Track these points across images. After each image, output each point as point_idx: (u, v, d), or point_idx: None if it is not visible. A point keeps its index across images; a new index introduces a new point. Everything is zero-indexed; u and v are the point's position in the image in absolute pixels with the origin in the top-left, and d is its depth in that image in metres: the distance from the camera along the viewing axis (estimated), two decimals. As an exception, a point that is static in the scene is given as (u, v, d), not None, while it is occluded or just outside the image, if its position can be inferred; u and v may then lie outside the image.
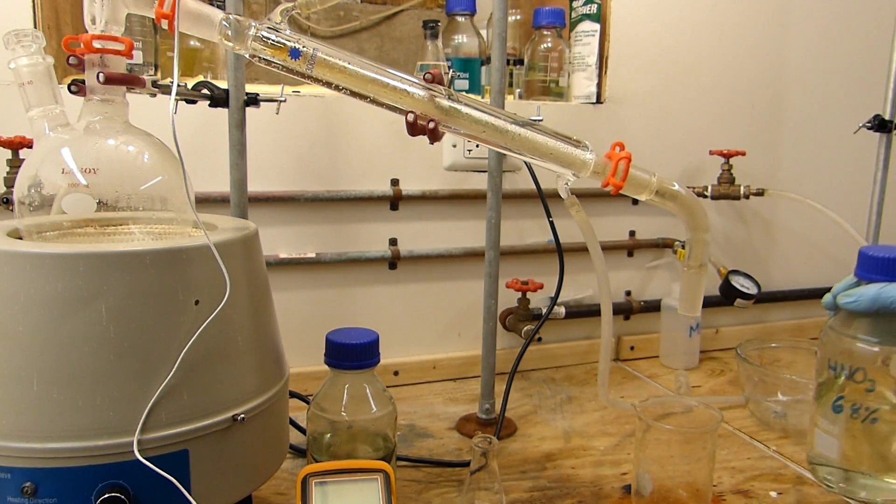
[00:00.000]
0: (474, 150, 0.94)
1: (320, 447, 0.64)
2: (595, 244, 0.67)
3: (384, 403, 0.64)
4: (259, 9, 1.08)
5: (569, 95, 1.10)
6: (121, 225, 0.57)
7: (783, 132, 1.24)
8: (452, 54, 1.03)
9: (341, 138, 0.96)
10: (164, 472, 0.47)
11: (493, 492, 0.60)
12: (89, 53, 0.54)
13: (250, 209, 0.80)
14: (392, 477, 0.57)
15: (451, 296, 1.05)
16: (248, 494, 0.56)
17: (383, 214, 0.99)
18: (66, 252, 0.46)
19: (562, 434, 0.86)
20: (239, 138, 0.76)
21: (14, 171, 0.76)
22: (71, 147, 0.54)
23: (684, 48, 1.14)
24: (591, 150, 0.60)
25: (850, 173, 1.28)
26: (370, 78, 0.56)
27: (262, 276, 0.59)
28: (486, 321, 0.85)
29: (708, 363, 1.14)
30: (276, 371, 0.58)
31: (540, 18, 1.06)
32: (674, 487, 0.66)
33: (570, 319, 1.08)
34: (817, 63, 1.24)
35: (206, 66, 0.95)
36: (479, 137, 0.58)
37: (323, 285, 0.98)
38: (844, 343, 0.64)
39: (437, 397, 0.98)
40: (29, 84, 0.57)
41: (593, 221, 0.65)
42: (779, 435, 0.87)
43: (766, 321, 1.29)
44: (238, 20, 0.54)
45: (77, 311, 0.45)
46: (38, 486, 0.45)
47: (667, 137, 1.15)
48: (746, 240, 1.25)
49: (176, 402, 0.48)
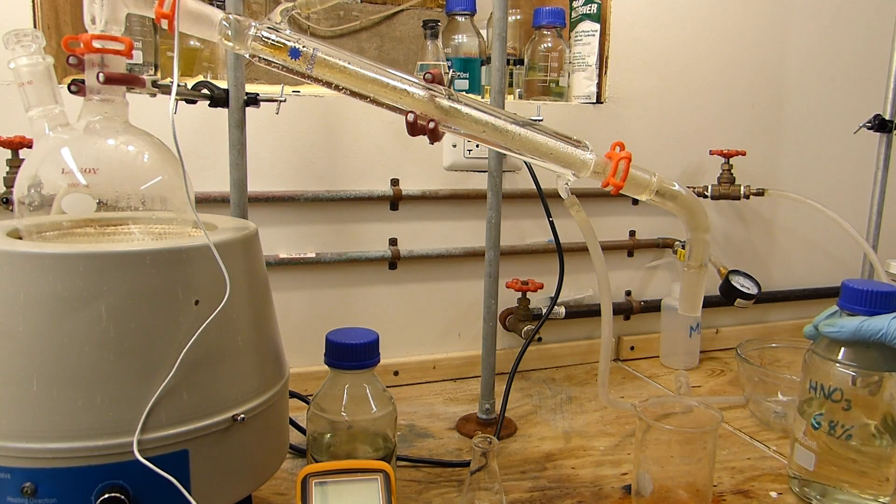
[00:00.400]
0: (474, 150, 0.94)
1: (320, 447, 0.64)
2: (595, 244, 0.67)
3: (384, 403, 0.64)
4: (259, 9, 1.08)
5: (569, 95, 1.10)
6: (121, 225, 0.57)
7: (783, 132, 1.24)
8: (452, 54, 1.03)
9: (341, 138, 0.95)
10: (164, 472, 0.47)
11: (493, 492, 0.60)
12: (89, 53, 0.54)
13: (250, 209, 0.80)
14: (392, 477, 0.57)
15: (451, 296, 1.05)
16: (248, 494, 0.56)
17: (383, 214, 0.99)
18: (66, 252, 0.46)
19: (562, 434, 0.86)
20: (239, 138, 0.76)
21: (14, 171, 0.76)
22: (71, 147, 0.54)
23: (684, 48, 1.14)
24: (591, 150, 0.60)
25: (850, 173, 1.28)
26: (370, 78, 0.56)
27: (262, 276, 0.59)
28: (486, 321, 0.85)
29: (708, 363, 1.14)
30: (276, 371, 0.58)
31: (540, 18, 1.06)
32: (674, 487, 0.66)
33: (570, 319, 1.08)
34: (817, 63, 1.24)
35: (206, 66, 0.95)
36: (479, 137, 0.58)
37: (323, 285, 0.98)
38: (825, 366, 0.69)
39: (437, 397, 0.98)
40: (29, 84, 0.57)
41: (593, 221, 0.65)
42: (779, 435, 0.87)
43: (766, 321, 1.29)
44: (238, 20, 0.54)
45: (77, 311, 0.45)
46: (38, 486, 0.45)
47: (667, 137, 1.15)
48: (746, 240, 1.25)
49: (176, 402, 0.48)
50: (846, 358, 0.68)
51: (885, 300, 0.66)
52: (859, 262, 1.08)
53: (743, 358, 0.93)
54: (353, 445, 0.64)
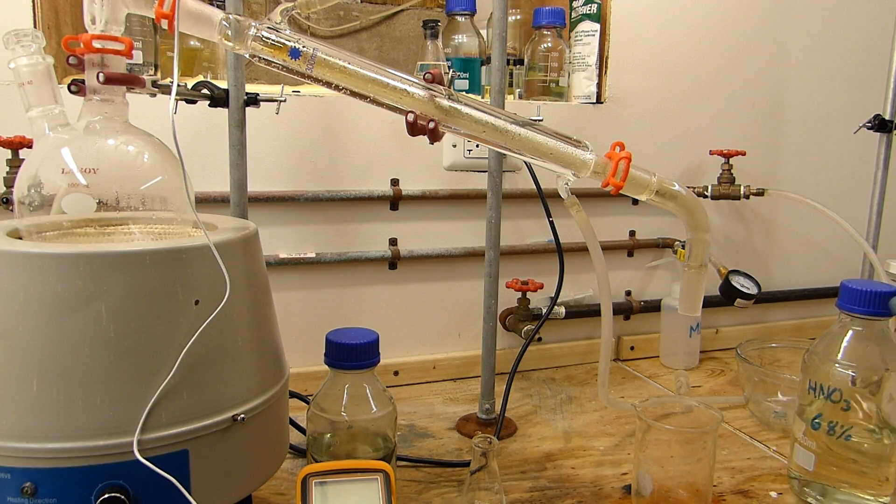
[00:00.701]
0: (474, 150, 0.94)
1: (320, 447, 0.64)
2: (595, 244, 0.67)
3: (384, 403, 0.64)
4: (259, 9, 1.08)
5: (569, 95, 1.10)
6: (121, 225, 0.57)
7: (783, 132, 1.24)
8: (452, 54, 1.03)
9: (341, 138, 0.95)
10: (164, 472, 0.47)
11: (493, 492, 0.60)
12: (89, 53, 0.54)
13: (250, 209, 0.80)
14: (392, 477, 0.57)
15: (451, 296, 1.05)
16: (248, 494, 0.56)
17: (383, 214, 0.99)
18: (66, 252, 0.46)
19: (562, 434, 0.86)
20: (239, 138, 0.76)
21: (14, 171, 0.76)
22: (71, 147, 0.54)
23: (684, 48, 1.14)
24: (591, 150, 0.60)
25: (850, 173, 1.28)
26: (370, 78, 0.56)
27: (262, 276, 0.59)
28: (486, 321, 0.85)
29: (708, 363, 1.14)
30: (276, 371, 0.58)
31: (540, 18, 1.06)
32: (674, 488, 0.66)
33: (570, 319, 1.08)
34: (817, 63, 1.24)
35: (206, 66, 0.95)
36: (479, 137, 0.58)
37: (323, 285, 0.98)
38: (824, 366, 0.69)
39: (437, 397, 0.98)
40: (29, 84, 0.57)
41: (593, 221, 0.65)
42: (779, 435, 0.87)
43: (766, 321, 1.29)
44: (238, 20, 0.54)
45: (77, 311, 0.45)
46: (38, 486, 0.45)
47: (667, 137, 1.15)
48: (746, 240, 1.25)
49: (176, 402, 0.48)
50: (846, 358, 0.68)
51: (885, 300, 0.66)
52: (859, 262, 1.08)
53: (743, 358, 0.93)
54: (353, 445, 0.64)
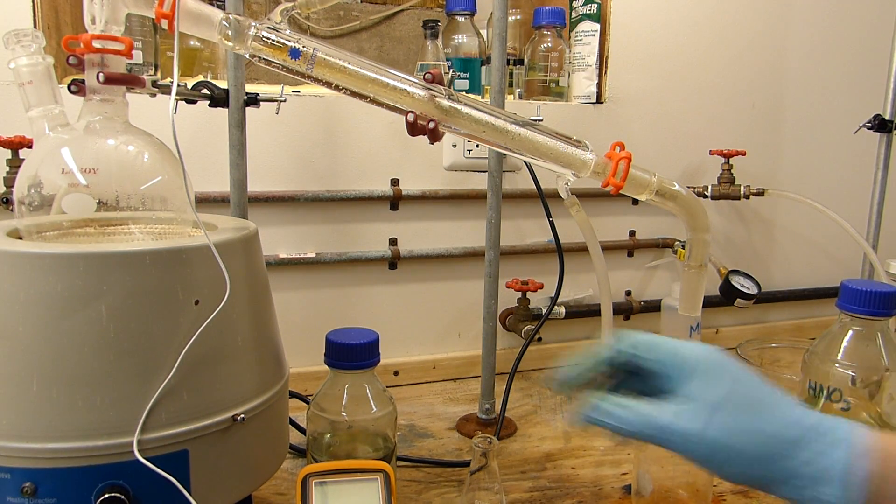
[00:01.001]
0: (474, 150, 0.94)
1: (320, 447, 0.64)
2: (595, 244, 0.67)
3: (384, 403, 0.64)
4: (259, 9, 1.08)
5: (569, 95, 1.10)
6: (121, 225, 0.57)
7: (783, 132, 1.24)
8: (452, 54, 1.03)
9: (341, 138, 0.95)
10: (164, 472, 0.47)
11: (493, 492, 0.60)
12: (89, 53, 0.54)
13: (250, 209, 0.80)
14: (392, 477, 0.57)
15: (451, 296, 1.05)
16: (248, 494, 0.56)
17: (383, 214, 0.99)
18: (66, 252, 0.46)
19: (562, 434, 0.86)
20: (239, 138, 0.76)
21: (14, 171, 0.76)
22: (71, 147, 0.54)
23: (684, 48, 1.14)
24: (591, 150, 0.60)
25: (850, 173, 1.28)
26: (370, 78, 0.56)
27: (262, 276, 0.59)
28: (486, 321, 0.85)
29: (708, 363, 1.14)
30: (276, 371, 0.58)
31: (540, 18, 1.06)
32: (674, 487, 0.66)
33: (570, 319, 1.08)
34: (817, 63, 1.24)
35: (206, 66, 0.95)
36: (479, 137, 0.58)
37: (323, 285, 0.98)
38: (824, 366, 0.70)
39: (437, 397, 0.98)
40: (29, 84, 0.57)
41: (593, 221, 0.65)
42: (779, 435, 0.87)
43: (766, 321, 1.29)
44: (238, 20, 0.54)
45: (77, 311, 0.45)
46: (38, 486, 0.45)
47: (667, 137, 1.15)
48: (746, 240, 1.25)
49: (176, 402, 0.48)
50: (846, 358, 0.68)
51: (885, 300, 0.66)
52: (859, 262, 1.08)
53: (743, 358, 0.93)
54: (353, 445, 0.64)
